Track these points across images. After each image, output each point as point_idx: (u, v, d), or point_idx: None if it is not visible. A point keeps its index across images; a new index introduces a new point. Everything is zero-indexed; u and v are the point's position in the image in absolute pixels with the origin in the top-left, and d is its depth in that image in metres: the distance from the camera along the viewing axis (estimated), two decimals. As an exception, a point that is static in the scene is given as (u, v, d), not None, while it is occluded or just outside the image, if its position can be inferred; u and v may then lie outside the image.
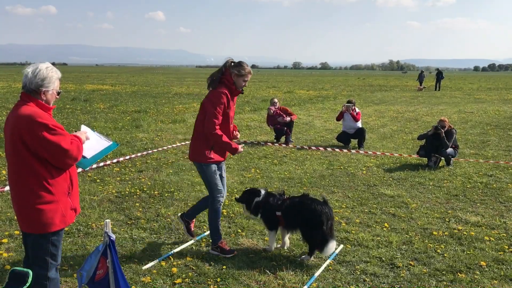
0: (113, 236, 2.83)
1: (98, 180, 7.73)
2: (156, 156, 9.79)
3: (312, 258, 4.75)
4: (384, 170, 8.95)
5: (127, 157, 9.61)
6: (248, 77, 4.70)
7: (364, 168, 9.05)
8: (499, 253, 5.00)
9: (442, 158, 9.28)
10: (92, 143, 3.42)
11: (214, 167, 4.70)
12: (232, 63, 4.65)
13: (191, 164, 9.04)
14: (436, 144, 9.17)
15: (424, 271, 4.54)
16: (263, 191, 5.05)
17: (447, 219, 6.11)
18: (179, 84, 45.08)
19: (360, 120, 11.78)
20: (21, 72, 3.16)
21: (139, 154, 9.93)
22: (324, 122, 16.47)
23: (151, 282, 4.20)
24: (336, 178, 8.27)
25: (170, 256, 4.78)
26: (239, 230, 5.55)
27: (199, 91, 33.67)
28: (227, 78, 4.60)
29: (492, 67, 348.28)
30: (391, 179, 8.27)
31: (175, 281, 4.23)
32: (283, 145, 11.58)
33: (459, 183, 8.01)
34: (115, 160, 9.21)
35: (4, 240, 5.06)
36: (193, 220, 5.22)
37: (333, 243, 4.65)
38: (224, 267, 4.55)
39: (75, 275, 4.23)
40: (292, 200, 4.91)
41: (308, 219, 4.66)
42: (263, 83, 49.04)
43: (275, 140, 12.05)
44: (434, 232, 5.59)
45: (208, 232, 5.43)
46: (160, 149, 10.60)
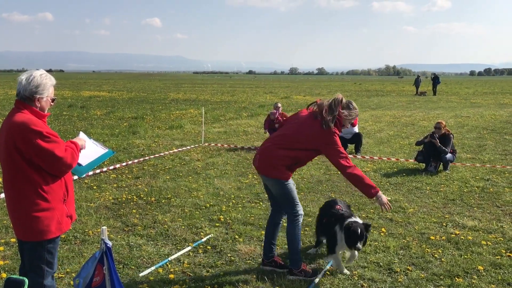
0: (109, 243, 2.81)
1: (95, 187, 7.70)
2: (153, 163, 9.78)
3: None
4: (381, 175, 8.96)
5: (124, 163, 9.59)
6: (356, 119, 4.49)
7: (361, 173, 9.04)
8: (497, 257, 4.99)
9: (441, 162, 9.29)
10: (88, 150, 3.41)
11: (292, 181, 4.40)
12: (343, 102, 4.27)
13: (187, 170, 9.04)
14: (433, 152, 9.18)
15: (422, 276, 4.54)
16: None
17: (444, 224, 6.11)
18: (176, 90, 45.11)
19: (357, 125, 11.80)
20: (17, 79, 3.16)
21: (136, 161, 9.91)
22: (321, 127, 16.46)
23: (148, 289, 4.18)
24: (333, 183, 8.27)
25: (167, 263, 4.76)
26: (237, 236, 5.53)
27: (196, 97, 33.70)
28: (339, 120, 4.22)
29: (488, 72, 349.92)
30: (388, 184, 8.27)
31: (173, 287, 4.21)
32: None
33: (456, 187, 8.02)
34: (111, 167, 9.19)
35: (0, 248, 5.03)
36: (275, 256, 4.69)
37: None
38: (221, 273, 4.53)
39: (71, 282, 4.21)
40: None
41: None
42: (260, 89, 49.14)
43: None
44: (432, 237, 5.58)
45: (205, 239, 5.42)
46: (157, 155, 10.58)
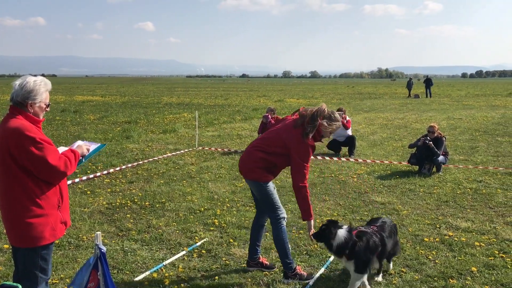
0: (104, 249, 2.81)
1: (89, 192, 7.67)
2: (147, 167, 9.76)
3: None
4: (375, 177, 8.99)
5: (118, 168, 9.57)
6: (336, 131, 4.48)
7: (354, 176, 9.09)
8: (490, 258, 5.03)
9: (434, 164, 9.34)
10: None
11: (272, 184, 4.46)
12: (325, 112, 4.32)
13: (182, 174, 9.02)
14: (427, 154, 9.23)
15: (416, 277, 4.56)
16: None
17: (437, 225, 6.14)
18: (170, 94, 45.05)
19: (350, 128, 11.84)
20: (9, 84, 3.16)
21: (129, 165, 9.89)
22: (314, 130, 16.49)
23: (143, 294, 4.17)
24: (327, 186, 8.29)
25: (162, 268, 4.75)
26: (231, 240, 5.53)
27: (189, 101, 33.66)
28: (319, 130, 4.28)
29: (479, 74, 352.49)
30: (381, 186, 8.30)
31: (167, 292, 4.21)
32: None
33: (449, 189, 8.07)
34: (105, 172, 9.16)
35: (-7, 254, 5.00)
36: (259, 256, 4.75)
37: None
38: (216, 277, 4.53)
39: (65, 288, 4.19)
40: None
41: None
42: (254, 92, 49.20)
43: None
44: (425, 239, 5.61)
45: (200, 243, 5.41)
46: (151, 159, 10.56)
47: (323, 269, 4.75)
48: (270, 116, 12.02)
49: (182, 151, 11.76)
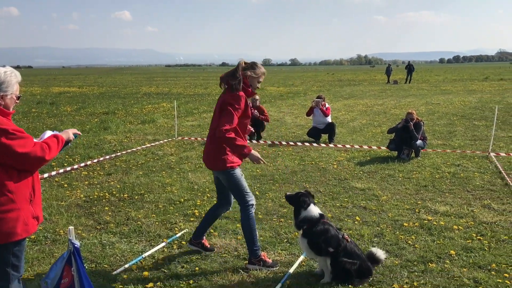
0: (77, 244, 2.73)
1: (66, 185, 7.53)
2: (125, 158, 9.62)
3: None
4: (355, 163, 9.03)
5: (95, 160, 9.41)
6: (262, 78, 4.49)
7: (335, 163, 9.11)
8: (468, 241, 5.09)
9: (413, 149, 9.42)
10: None
11: (239, 170, 4.46)
12: (245, 64, 4.43)
13: (161, 165, 8.92)
14: (405, 137, 9.31)
15: (396, 262, 4.59)
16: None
17: (417, 210, 6.19)
18: (148, 84, 44.55)
19: (330, 115, 11.85)
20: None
21: (107, 157, 9.73)
22: (295, 118, 16.52)
23: (122, 288, 4.10)
24: (307, 173, 8.30)
25: (141, 260, 4.68)
26: (212, 230, 5.48)
27: (168, 90, 33.34)
28: (244, 81, 4.35)
29: (456, 59, 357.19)
30: (361, 172, 8.34)
31: (147, 285, 4.14)
32: (253, 141, 11.55)
33: (427, 173, 8.15)
34: (82, 164, 9.00)
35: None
36: (203, 239, 4.88)
37: None
38: (196, 268, 4.49)
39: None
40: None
41: None
42: (234, 81, 48.88)
43: None
44: (405, 224, 5.65)
45: (180, 234, 5.36)
46: (129, 150, 10.42)
47: (302, 256, 4.74)
48: (252, 105, 11.95)
49: (161, 142, 11.63)
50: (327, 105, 11.81)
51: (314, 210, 4.29)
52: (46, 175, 8.02)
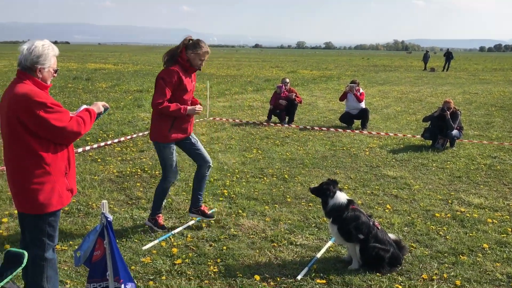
0: (110, 217, 2.77)
1: (99, 160, 7.69)
2: (158, 136, 9.71)
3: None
4: (387, 151, 8.88)
5: (129, 136, 9.56)
6: (205, 56, 4.67)
7: (367, 149, 8.98)
8: (502, 235, 4.95)
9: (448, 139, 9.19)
10: None
11: (172, 147, 4.78)
12: (190, 41, 4.62)
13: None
14: (441, 126, 9.08)
15: (426, 253, 4.51)
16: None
17: (450, 201, 6.05)
18: (182, 64, 44.73)
19: (364, 100, 11.65)
20: (18, 49, 3.08)
21: (140, 134, 9.87)
22: (327, 103, 16.34)
23: (150, 263, 4.18)
24: (338, 159, 8.21)
25: (170, 237, 4.76)
26: (240, 211, 5.51)
27: (201, 71, 33.44)
28: (182, 57, 4.59)
29: (498, 48, 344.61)
30: (394, 160, 8.20)
31: (175, 261, 4.21)
32: (285, 125, 11.50)
33: (462, 164, 7.94)
34: (116, 140, 9.16)
35: (4, 220, 5.04)
36: (201, 205, 5.16)
37: None
38: (224, 247, 4.53)
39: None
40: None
41: None
42: (266, 63, 48.69)
43: (266, 119, 12.01)
44: (437, 214, 5.54)
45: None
46: (161, 129, 10.51)
47: (331, 241, 4.72)
48: (284, 87, 11.87)
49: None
50: (361, 90, 11.61)
51: (341, 197, 4.26)
52: (80, 150, 8.20)
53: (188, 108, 4.67)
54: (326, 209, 4.30)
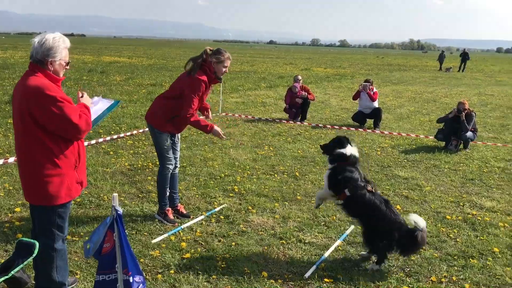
0: (120, 210, 2.79)
1: (112, 152, 7.75)
2: (170, 130, 9.76)
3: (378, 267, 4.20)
4: (399, 151, 8.82)
5: (141, 130, 9.62)
6: (228, 62, 4.74)
7: (378, 149, 8.93)
8: (513, 240, 4.90)
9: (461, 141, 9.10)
10: (97, 107, 3.46)
11: (167, 136, 4.86)
12: (211, 51, 4.72)
13: (203, 140, 9.02)
14: (455, 127, 8.99)
15: (435, 255, 4.48)
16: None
17: (461, 204, 6.00)
18: (196, 58, 44.79)
19: (377, 100, 11.58)
20: (30, 41, 3.11)
21: (153, 128, 9.91)
22: (340, 101, 16.27)
23: (159, 256, 4.21)
24: (350, 158, 8.16)
25: (180, 231, 4.79)
26: (250, 207, 5.53)
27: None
28: (209, 67, 4.67)
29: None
30: (405, 160, 8.14)
31: (184, 255, 4.24)
32: (298, 122, 11.48)
33: (475, 167, 7.86)
34: (128, 133, 9.23)
35: (17, 209, 5.11)
36: (177, 204, 5.22)
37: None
38: (233, 243, 4.54)
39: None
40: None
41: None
42: (280, 60, 48.57)
43: (288, 118, 11.98)
44: (448, 216, 5.50)
45: (218, 208, 5.43)
46: (174, 123, 10.56)
47: (339, 241, 4.71)
48: (299, 86, 11.82)
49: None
50: (374, 89, 11.54)
51: (349, 149, 4.29)
52: (93, 142, 8.27)
53: (214, 129, 4.81)
54: (331, 155, 4.36)
